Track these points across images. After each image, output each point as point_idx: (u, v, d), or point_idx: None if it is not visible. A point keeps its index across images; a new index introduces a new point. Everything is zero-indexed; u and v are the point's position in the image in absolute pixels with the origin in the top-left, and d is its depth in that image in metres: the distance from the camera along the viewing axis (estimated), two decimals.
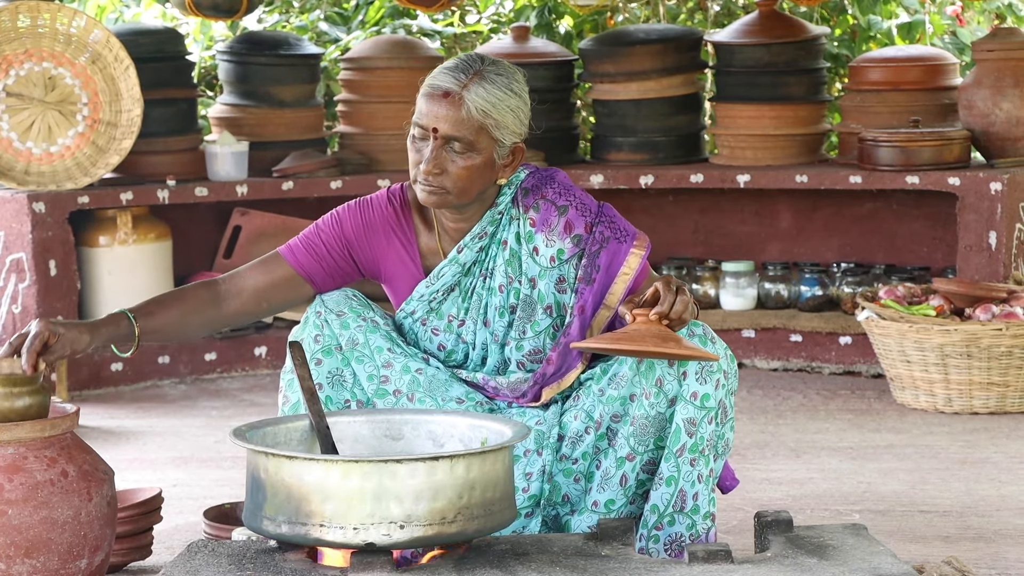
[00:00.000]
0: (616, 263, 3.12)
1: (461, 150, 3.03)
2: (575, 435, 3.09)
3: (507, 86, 3.06)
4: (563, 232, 3.14)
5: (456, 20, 7.89)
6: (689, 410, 2.99)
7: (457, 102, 3.02)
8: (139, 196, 5.52)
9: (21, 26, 5.38)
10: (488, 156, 3.06)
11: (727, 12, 7.67)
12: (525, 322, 3.14)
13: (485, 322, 3.17)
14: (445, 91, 3.03)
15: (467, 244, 3.14)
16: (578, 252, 3.13)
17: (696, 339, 3.00)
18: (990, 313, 4.98)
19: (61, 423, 2.99)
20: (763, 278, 5.95)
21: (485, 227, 3.14)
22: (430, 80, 3.07)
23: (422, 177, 3.04)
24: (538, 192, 3.17)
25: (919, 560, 3.32)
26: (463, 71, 3.04)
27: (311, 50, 6.15)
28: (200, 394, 5.43)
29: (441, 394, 3.11)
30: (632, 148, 6.02)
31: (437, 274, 3.15)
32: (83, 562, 2.96)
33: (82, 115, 5.45)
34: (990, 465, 4.32)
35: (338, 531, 2.59)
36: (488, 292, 3.16)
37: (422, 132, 3.05)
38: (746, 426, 4.83)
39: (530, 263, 3.14)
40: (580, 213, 3.15)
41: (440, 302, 3.17)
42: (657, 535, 3.01)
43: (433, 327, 3.18)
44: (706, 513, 3.02)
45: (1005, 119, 5.53)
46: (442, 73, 3.06)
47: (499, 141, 3.07)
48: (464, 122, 3.02)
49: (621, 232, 3.15)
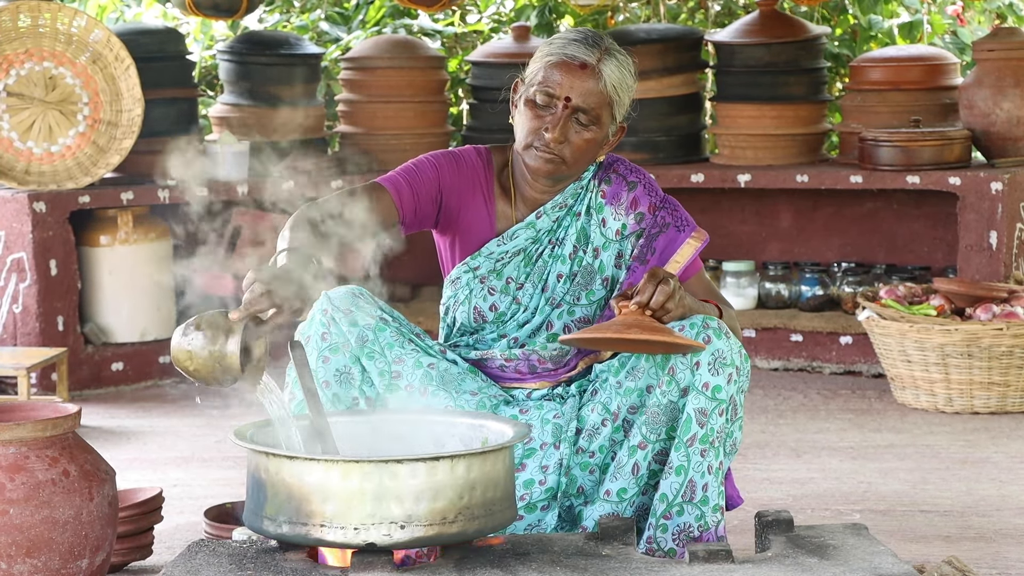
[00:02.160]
0: (670, 250, 3.18)
1: (587, 122, 3.09)
2: (592, 428, 3.09)
3: (629, 66, 3.14)
4: (629, 207, 3.21)
5: (457, 20, 7.89)
6: (701, 400, 2.99)
7: (594, 74, 3.08)
8: (140, 196, 5.52)
9: (22, 26, 5.38)
10: (605, 131, 3.14)
11: (728, 12, 7.67)
12: (582, 288, 3.20)
13: (544, 287, 3.21)
14: (583, 62, 3.07)
15: (547, 211, 3.20)
16: (638, 230, 3.20)
17: (711, 331, 3.00)
18: (991, 313, 4.98)
19: (62, 423, 2.99)
20: (764, 278, 5.96)
21: (567, 198, 3.20)
22: (560, 49, 3.09)
23: (542, 144, 3.09)
24: (611, 168, 3.24)
25: (920, 560, 3.32)
26: (594, 45, 3.09)
27: (312, 50, 6.15)
28: (200, 394, 5.43)
29: (455, 387, 3.11)
30: (633, 148, 6.02)
31: (511, 235, 3.20)
32: (84, 562, 2.97)
33: (83, 115, 5.45)
34: (991, 465, 4.32)
35: (339, 531, 2.59)
36: (555, 259, 3.20)
37: (547, 100, 3.08)
38: (747, 426, 4.83)
39: (596, 233, 3.20)
40: (647, 192, 3.22)
41: (505, 264, 3.21)
42: (665, 524, 3.00)
43: (491, 286, 3.21)
44: (715, 505, 3.01)
45: (1006, 119, 5.53)
46: (573, 44, 3.09)
47: (614, 118, 3.14)
48: (597, 95, 3.08)
49: (682, 221, 3.21)
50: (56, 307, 5.31)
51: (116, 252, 5.51)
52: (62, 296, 5.33)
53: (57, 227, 5.31)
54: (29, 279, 5.28)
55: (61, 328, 5.33)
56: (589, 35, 3.12)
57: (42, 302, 5.28)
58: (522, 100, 3.12)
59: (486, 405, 3.11)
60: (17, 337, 5.31)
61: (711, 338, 2.99)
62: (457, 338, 3.26)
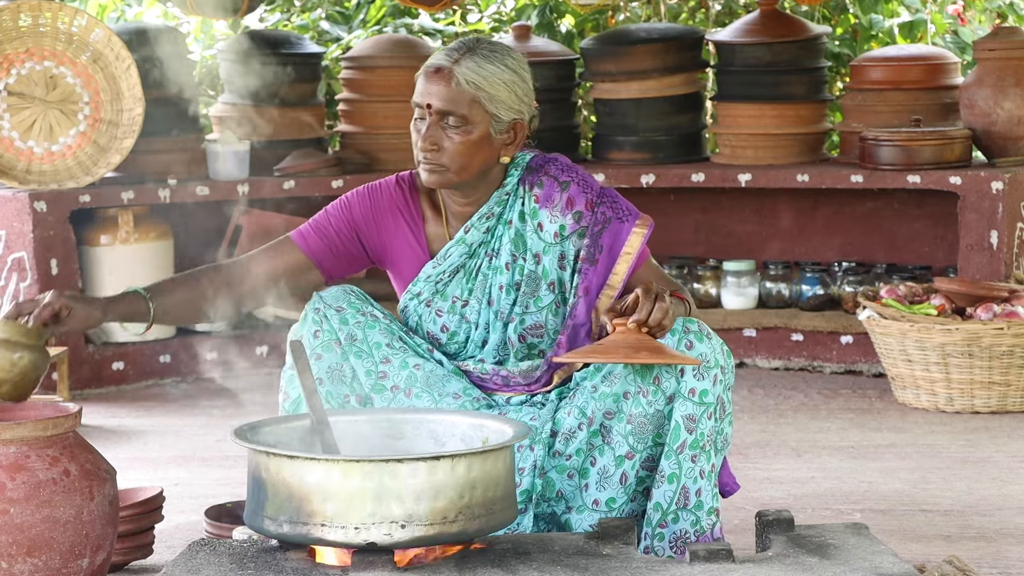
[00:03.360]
0: (619, 243, 3.15)
1: (455, 124, 3.07)
2: (568, 431, 3.09)
3: (500, 61, 3.10)
4: (565, 208, 3.17)
5: (457, 19, 7.89)
6: (688, 407, 2.99)
7: (447, 76, 3.08)
8: (140, 195, 5.52)
9: (22, 25, 5.38)
10: (484, 131, 3.10)
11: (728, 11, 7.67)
12: (529, 297, 3.17)
13: (489, 301, 3.19)
14: (437, 67, 3.10)
15: (474, 224, 3.17)
16: (579, 229, 3.16)
17: (692, 335, 3.01)
18: (991, 312, 4.98)
19: (63, 422, 2.99)
20: (764, 277, 5.95)
21: (492, 207, 3.18)
22: (425, 62, 3.15)
23: (420, 155, 3.10)
24: (542, 170, 3.21)
25: (920, 559, 3.32)
26: (456, 49, 3.11)
27: (312, 49, 6.15)
28: (201, 393, 5.44)
29: (439, 389, 3.12)
30: (633, 147, 6.02)
31: (444, 254, 3.18)
32: (85, 561, 2.97)
33: (83, 114, 5.45)
34: (991, 464, 4.32)
35: (339, 531, 2.59)
36: (493, 271, 3.19)
37: (419, 111, 3.11)
38: (747, 425, 4.83)
39: (535, 239, 3.17)
40: (581, 190, 3.19)
41: (446, 283, 3.19)
42: (662, 533, 3.01)
43: (437, 308, 3.20)
44: (710, 508, 3.02)
45: (1006, 118, 5.53)
46: (436, 53, 3.14)
47: (495, 116, 3.10)
48: (455, 95, 3.07)
49: (623, 212, 3.18)
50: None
51: (117, 251, 5.51)
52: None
53: (58, 226, 5.31)
54: (30, 278, 5.28)
55: None
56: (459, 41, 3.14)
57: None
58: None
59: (468, 408, 3.12)
60: None
61: (693, 343, 3.00)
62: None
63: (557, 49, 6.27)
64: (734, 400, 5.18)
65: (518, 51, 3.19)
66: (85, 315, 2.99)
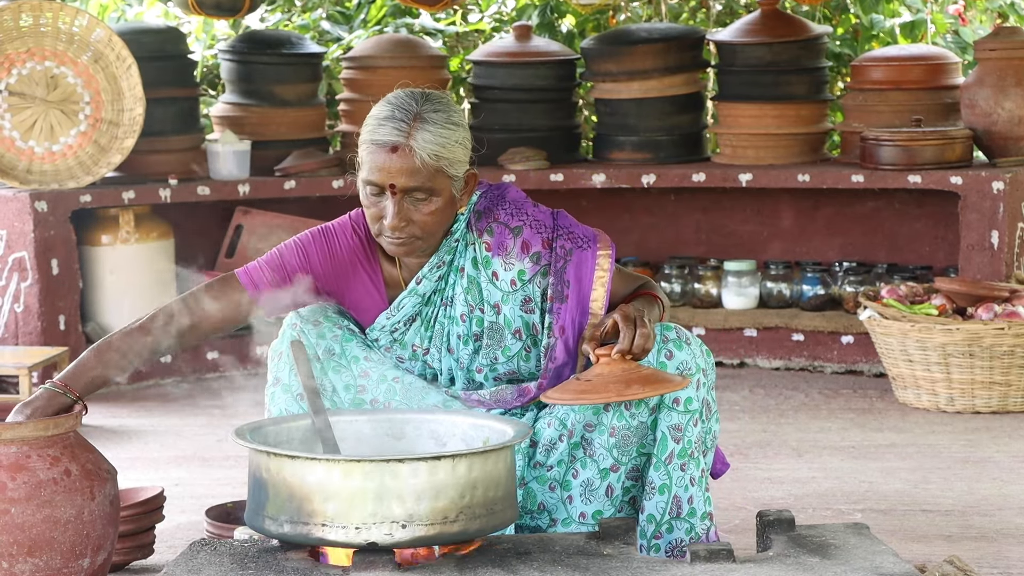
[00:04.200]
0: (587, 272, 3.07)
1: (423, 197, 2.98)
2: (549, 442, 3.05)
3: (448, 120, 2.99)
4: (520, 252, 3.09)
5: (458, 19, 7.89)
6: (673, 417, 2.98)
7: (407, 153, 2.95)
8: (141, 195, 5.52)
9: (23, 25, 5.38)
10: (448, 195, 3.01)
11: (729, 11, 7.66)
12: (495, 349, 3.11)
13: (449, 349, 3.14)
14: (393, 145, 2.96)
15: (425, 275, 3.10)
16: (540, 269, 3.08)
17: (671, 344, 2.98)
18: (992, 312, 4.98)
19: (64, 422, 2.99)
20: (765, 277, 5.95)
21: (443, 256, 3.10)
22: (371, 135, 2.99)
23: (388, 232, 3.00)
24: (491, 215, 3.11)
25: (921, 559, 3.32)
26: (402, 119, 2.96)
27: (313, 49, 6.15)
28: (202, 393, 5.44)
29: (418, 402, 3.08)
30: (634, 147, 6.02)
31: (398, 305, 3.11)
32: (86, 561, 2.97)
33: (84, 114, 5.45)
34: (992, 464, 4.32)
35: (340, 530, 2.60)
36: (450, 320, 3.12)
37: (376, 189, 2.99)
38: (748, 425, 4.83)
39: (491, 289, 3.10)
40: (535, 231, 3.10)
41: (403, 332, 3.14)
42: (657, 544, 3.01)
43: (398, 355, 3.15)
44: (703, 514, 3.02)
45: (1007, 118, 5.53)
46: (380, 126, 2.98)
47: (454, 177, 3.01)
48: (419, 171, 2.96)
49: (582, 240, 3.09)
50: (58, 306, 5.31)
51: (117, 251, 5.51)
52: (64, 295, 5.33)
53: (58, 226, 5.31)
54: (31, 278, 5.28)
55: (63, 327, 5.33)
56: (397, 108, 2.97)
57: (44, 301, 5.28)
58: (360, 184, 3.04)
59: None
60: (19, 336, 5.32)
61: (672, 352, 2.98)
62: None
63: (558, 49, 6.27)
64: (734, 400, 5.21)
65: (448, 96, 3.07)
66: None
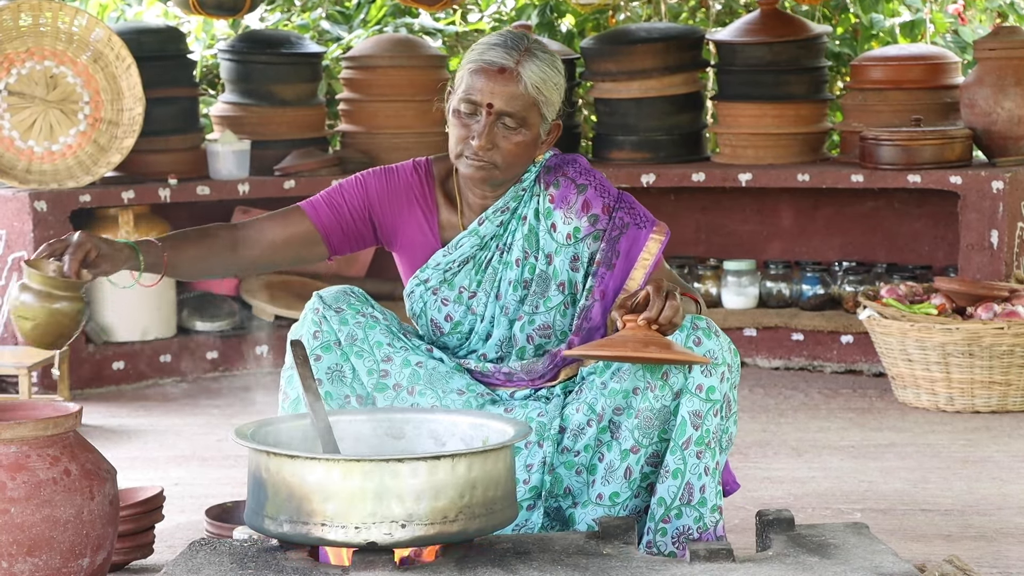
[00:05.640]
0: (635, 249, 3.15)
1: (513, 125, 3.06)
2: (577, 428, 3.09)
3: (553, 63, 3.10)
4: (580, 210, 3.17)
5: (458, 19, 7.89)
6: (695, 403, 2.99)
7: (514, 77, 3.04)
8: (141, 195, 5.52)
9: (23, 25, 5.38)
10: (535, 133, 3.10)
11: (729, 11, 7.67)
12: (539, 297, 3.17)
13: (497, 295, 3.19)
14: (501, 67, 3.05)
15: (488, 217, 3.16)
16: (594, 232, 3.16)
17: (700, 332, 3.01)
18: (992, 312, 4.98)
19: (64, 422, 2.99)
20: (765, 277, 5.95)
21: (508, 202, 3.17)
22: (479, 56, 3.07)
23: (471, 152, 3.06)
24: (559, 170, 3.20)
25: (920, 559, 3.32)
26: (513, 47, 3.06)
27: (313, 49, 6.15)
28: (202, 393, 5.44)
29: (442, 386, 3.12)
30: (633, 147, 6.02)
31: (455, 244, 3.17)
32: (85, 561, 2.97)
33: (84, 114, 5.45)
34: (991, 464, 4.32)
35: (339, 530, 2.60)
36: (504, 266, 3.18)
37: (471, 107, 3.06)
38: (748, 425, 4.83)
39: (547, 239, 3.17)
40: (598, 194, 3.18)
41: (455, 273, 3.19)
42: (664, 528, 3.01)
43: (444, 297, 3.20)
44: (713, 506, 3.02)
45: (1007, 118, 5.53)
46: (492, 49, 3.07)
47: (544, 118, 3.10)
48: (519, 97, 3.05)
49: (641, 218, 3.18)
50: None
51: None
52: None
53: (58, 226, 5.31)
54: None
55: None
56: (509, 37, 3.09)
57: None
58: (450, 110, 3.10)
59: (472, 404, 3.11)
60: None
61: (701, 339, 3.01)
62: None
63: (557, 49, 6.27)
64: None
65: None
66: (111, 257, 2.96)
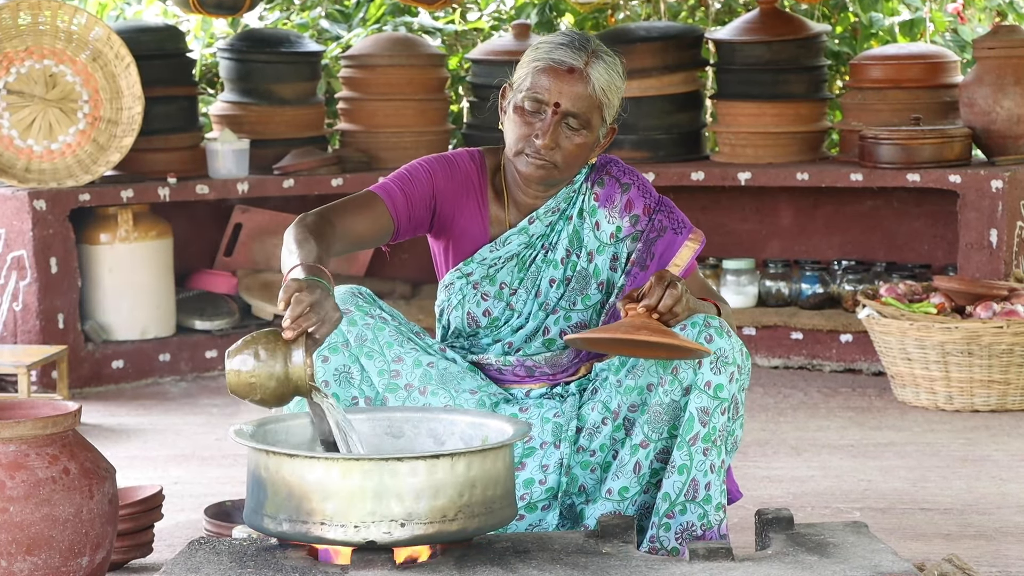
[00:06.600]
0: (669, 253, 3.17)
1: (577, 126, 3.07)
2: (593, 427, 3.09)
3: (617, 68, 3.12)
4: (623, 210, 3.19)
5: (457, 17, 7.89)
6: (703, 399, 2.99)
7: (582, 78, 3.06)
8: (140, 194, 5.52)
9: (22, 23, 5.38)
10: (595, 135, 3.12)
11: (728, 10, 7.67)
12: (577, 294, 3.19)
13: (537, 292, 3.20)
14: (570, 67, 3.05)
15: (539, 216, 3.18)
16: (633, 233, 3.18)
17: (712, 330, 2.99)
18: (991, 311, 4.98)
19: (63, 421, 2.99)
20: (764, 276, 5.96)
21: (560, 203, 3.18)
22: (547, 54, 3.07)
23: (533, 150, 3.07)
24: (603, 169, 3.23)
25: (920, 558, 3.32)
26: (581, 48, 3.07)
27: (312, 48, 6.15)
28: (201, 392, 5.44)
29: (454, 386, 3.11)
30: (633, 146, 6.02)
31: (503, 240, 3.18)
32: (84, 559, 2.97)
33: (83, 112, 5.45)
34: (991, 463, 4.32)
35: (339, 529, 2.59)
36: (547, 264, 3.19)
37: (536, 106, 3.06)
38: (747, 424, 4.83)
39: (591, 237, 3.19)
40: (641, 194, 3.20)
41: (498, 269, 3.19)
42: (668, 523, 3.01)
43: (484, 292, 3.20)
44: (718, 504, 3.02)
45: (1006, 117, 5.53)
46: (559, 48, 3.07)
47: (604, 121, 3.13)
48: (586, 99, 3.06)
49: (679, 223, 3.20)
50: (56, 305, 5.31)
51: (116, 250, 5.51)
52: (62, 294, 5.33)
53: (57, 225, 5.31)
54: (29, 277, 5.28)
55: (61, 326, 5.33)
56: (576, 38, 3.10)
57: (42, 300, 5.28)
58: (511, 106, 3.10)
59: (485, 403, 3.11)
60: (17, 335, 5.32)
61: (712, 337, 2.99)
62: (452, 340, 3.26)
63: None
64: None
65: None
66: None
